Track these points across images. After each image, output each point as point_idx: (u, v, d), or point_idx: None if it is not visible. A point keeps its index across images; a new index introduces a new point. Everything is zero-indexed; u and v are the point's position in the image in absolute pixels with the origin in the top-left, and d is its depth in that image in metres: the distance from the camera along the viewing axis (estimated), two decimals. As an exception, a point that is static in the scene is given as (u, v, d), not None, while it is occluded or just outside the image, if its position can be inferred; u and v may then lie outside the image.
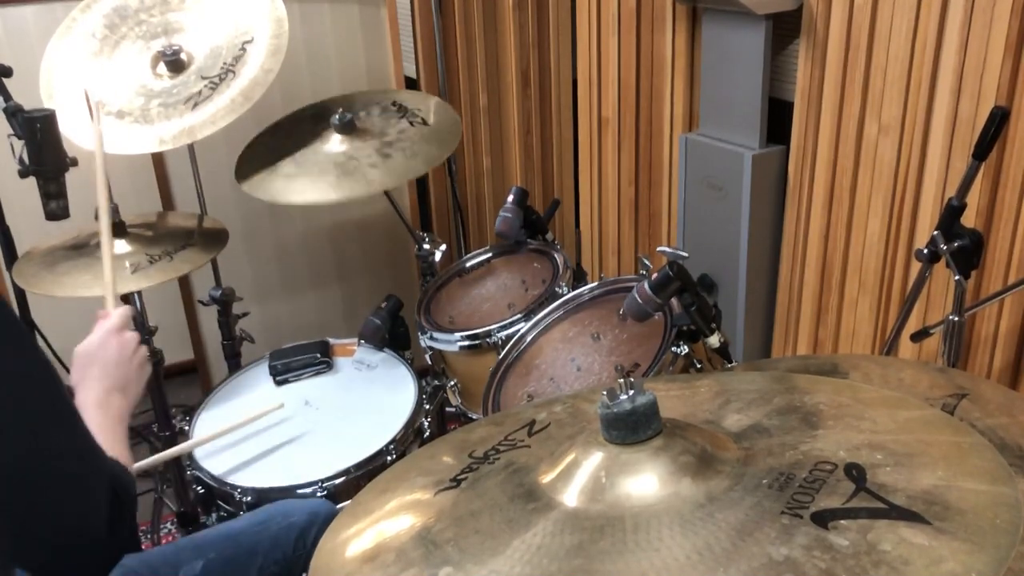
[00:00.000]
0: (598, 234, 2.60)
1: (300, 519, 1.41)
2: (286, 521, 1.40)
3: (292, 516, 1.41)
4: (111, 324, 1.23)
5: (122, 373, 1.19)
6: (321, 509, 1.45)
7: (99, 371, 1.17)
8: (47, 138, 1.67)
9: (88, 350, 1.20)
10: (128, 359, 1.21)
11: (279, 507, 1.46)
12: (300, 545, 1.39)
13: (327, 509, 1.46)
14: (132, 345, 1.23)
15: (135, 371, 1.22)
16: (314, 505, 1.47)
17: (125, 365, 1.20)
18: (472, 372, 1.84)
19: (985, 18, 1.50)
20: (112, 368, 1.18)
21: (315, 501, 1.50)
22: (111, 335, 1.22)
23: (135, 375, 1.22)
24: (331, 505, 1.49)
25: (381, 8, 2.70)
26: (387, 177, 1.97)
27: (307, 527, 1.40)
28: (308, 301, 2.89)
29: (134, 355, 1.22)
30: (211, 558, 1.32)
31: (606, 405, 0.80)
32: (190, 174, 2.30)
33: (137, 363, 1.23)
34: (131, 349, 1.22)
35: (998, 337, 1.63)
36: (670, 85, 2.23)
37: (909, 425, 0.81)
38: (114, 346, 1.21)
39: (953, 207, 1.37)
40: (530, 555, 0.72)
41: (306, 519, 1.41)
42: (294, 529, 1.39)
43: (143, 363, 1.24)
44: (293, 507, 1.45)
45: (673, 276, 1.37)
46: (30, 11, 2.47)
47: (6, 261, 2.10)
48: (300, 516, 1.41)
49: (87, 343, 1.21)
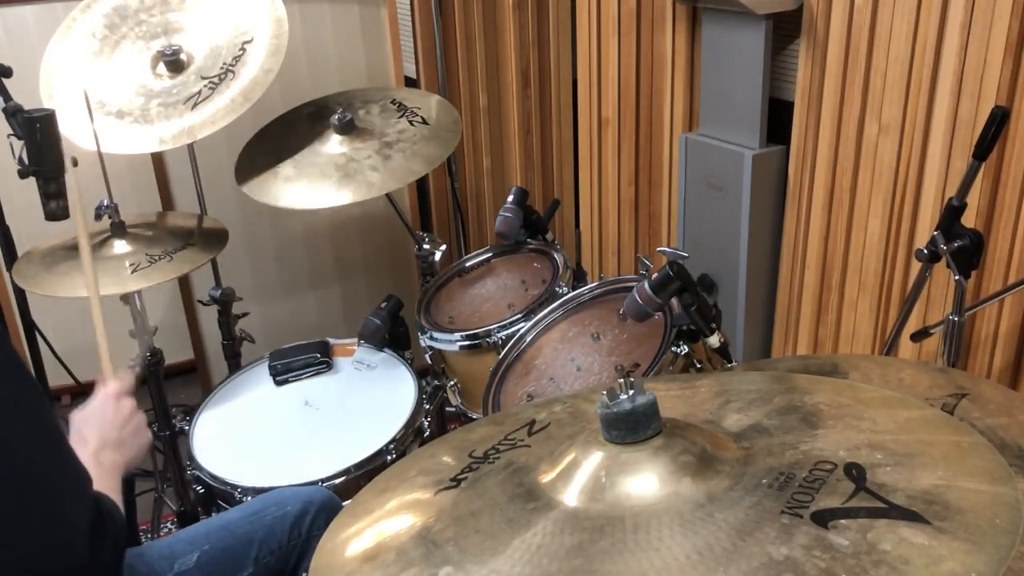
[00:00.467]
0: (598, 234, 2.60)
1: (295, 508, 1.41)
2: (280, 510, 1.40)
3: (287, 505, 1.41)
4: (109, 390, 1.25)
5: (116, 435, 1.20)
6: (315, 497, 1.45)
7: (95, 431, 1.19)
8: (47, 138, 1.67)
9: (85, 414, 1.22)
10: (123, 424, 1.22)
11: (273, 496, 1.45)
12: (295, 534, 1.38)
13: (321, 496, 1.45)
14: (127, 411, 1.24)
15: (130, 435, 1.23)
16: (308, 493, 1.46)
17: (120, 429, 1.21)
18: (472, 372, 1.84)
19: (985, 19, 1.50)
20: (107, 429, 1.20)
21: (309, 489, 1.50)
22: (109, 399, 1.24)
23: (130, 440, 1.23)
24: (325, 492, 1.49)
25: (381, 8, 2.70)
26: (388, 180, 1.96)
27: (302, 515, 1.40)
28: (308, 301, 2.89)
29: (129, 421, 1.24)
30: (206, 550, 1.32)
31: (606, 405, 0.80)
32: (190, 174, 2.30)
33: (132, 428, 1.23)
34: (126, 415, 1.24)
35: (998, 337, 1.63)
36: (670, 85, 2.23)
37: (909, 425, 0.81)
38: (111, 410, 1.22)
39: (953, 207, 1.37)
40: (530, 555, 0.72)
41: (301, 507, 1.41)
42: (289, 518, 1.39)
43: (139, 430, 1.25)
44: (287, 496, 1.45)
45: (673, 276, 1.37)
46: (30, 11, 2.47)
47: (6, 261, 2.10)
48: (295, 505, 1.41)
49: (84, 409, 1.23)
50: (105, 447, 1.17)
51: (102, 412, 1.22)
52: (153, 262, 1.84)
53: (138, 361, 1.92)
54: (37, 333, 2.36)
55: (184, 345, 2.76)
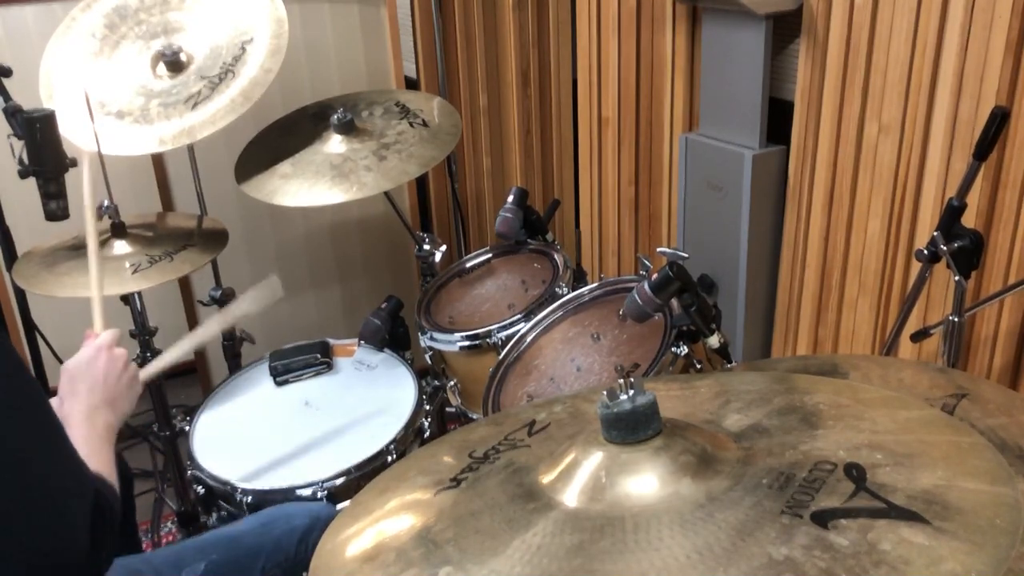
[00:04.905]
0: (598, 234, 2.60)
1: (302, 522, 1.42)
2: (288, 524, 1.41)
3: (295, 519, 1.42)
4: (101, 341, 1.23)
5: (110, 389, 1.19)
6: (323, 512, 1.46)
7: (87, 386, 1.17)
8: (47, 138, 1.67)
9: (77, 366, 1.20)
10: (117, 376, 1.21)
11: (281, 510, 1.46)
12: (302, 548, 1.39)
13: (328, 512, 1.46)
14: (121, 362, 1.23)
15: (124, 388, 1.21)
16: (316, 508, 1.48)
17: (114, 381, 1.20)
18: (472, 372, 1.84)
19: (985, 19, 1.50)
20: (100, 384, 1.18)
21: (317, 504, 1.51)
22: (100, 351, 1.21)
23: (124, 392, 1.21)
24: (333, 508, 1.50)
25: (381, 8, 2.70)
26: (382, 180, 1.96)
27: (309, 530, 1.41)
28: (308, 301, 2.89)
29: (124, 372, 1.22)
30: (213, 559, 1.32)
31: (606, 405, 0.80)
32: (190, 174, 2.30)
33: (127, 380, 1.22)
34: (121, 365, 1.22)
35: (998, 337, 1.63)
36: (670, 85, 2.23)
37: (909, 425, 0.81)
38: (103, 362, 1.20)
39: (953, 207, 1.37)
40: (530, 555, 0.72)
41: (308, 522, 1.42)
42: (296, 532, 1.40)
43: (132, 380, 1.24)
44: (295, 510, 1.46)
45: (673, 276, 1.37)
46: (30, 11, 2.47)
47: (6, 261, 2.10)
48: (302, 519, 1.42)
49: (75, 359, 1.21)
50: (98, 404, 1.16)
51: (94, 363, 1.20)
52: (153, 262, 1.84)
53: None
54: (37, 333, 2.35)
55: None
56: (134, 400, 1.23)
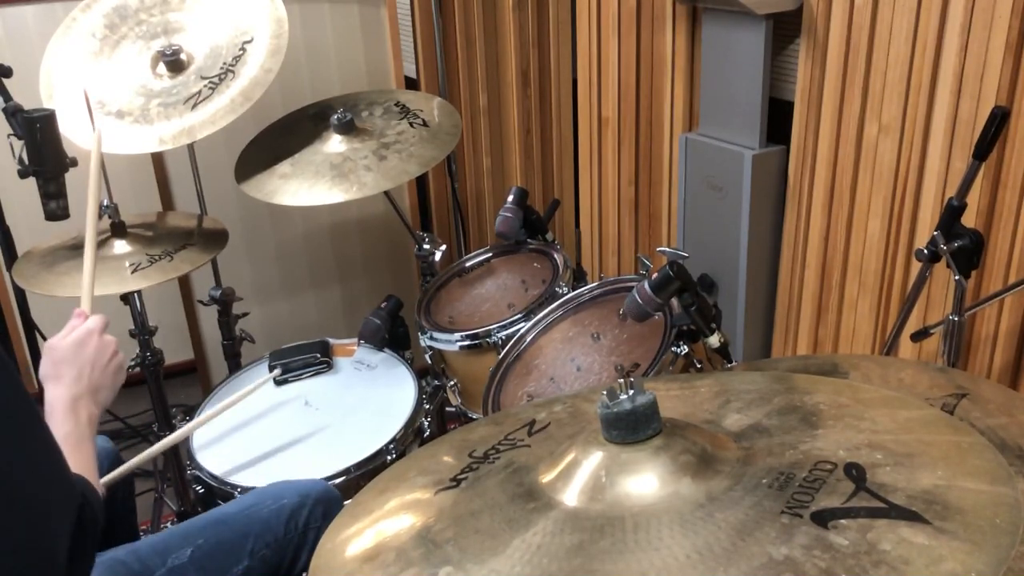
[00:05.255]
0: (598, 234, 2.60)
1: (291, 501, 1.38)
2: (276, 503, 1.38)
3: (283, 498, 1.39)
4: (92, 325, 1.21)
5: (96, 378, 1.16)
6: (312, 489, 1.42)
7: (74, 372, 1.15)
8: (47, 138, 1.67)
9: (64, 347, 1.17)
10: (104, 364, 1.18)
11: (269, 490, 1.43)
12: (292, 526, 1.36)
13: (318, 489, 1.43)
14: (111, 350, 1.21)
15: (109, 377, 1.19)
16: (305, 486, 1.44)
17: (100, 370, 1.17)
18: (472, 372, 1.84)
19: (985, 19, 1.50)
20: (87, 371, 1.16)
21: (306, 482, 1.47)
22: (91, 335, 1.19)
23: (109, 382, 1.19)
24: (322, 484, 1.46)
25: (381, 8, 2.70)
26: (382, 180, 1.96)
27: (298, 508, 1.38)
28: (308, 301, 2.89)
29: (111, 360, 1.20)
30: (200, 544, 1.29)
31: (606, 405, 0.80)
32: (190, 174, 2.30)
33: (112, 369, 1.20)
34: (109, 354, 1.20)
35: (998, 337, 1.63)
36: (670, 85, 2.23)
37: (909, 425, 0.81)
38: (93, 348, 1.18)
39: (953, 207, 1.37)
40: (530, 555, 0.72)
41: (297, 500, 1.39)
42: (285, 511, 1.37)
43: (119, 370, 1.21)
44: (283, 489, 1.42)
45: (673, 276, 1.37)
46: (30, 11, 2.47)
47: (6, 261, 2.10)
48: (291, 498, 1.39)
49: (62, 339, 1.18)
50: (82, 393, 1.13)
51: (83, 349, 1.17)
52: (153, 262, 1.84)
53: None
54: (37, 333, 2.36)
55: (184, 345, 2.76)
56: (116, 391, 1.20)
